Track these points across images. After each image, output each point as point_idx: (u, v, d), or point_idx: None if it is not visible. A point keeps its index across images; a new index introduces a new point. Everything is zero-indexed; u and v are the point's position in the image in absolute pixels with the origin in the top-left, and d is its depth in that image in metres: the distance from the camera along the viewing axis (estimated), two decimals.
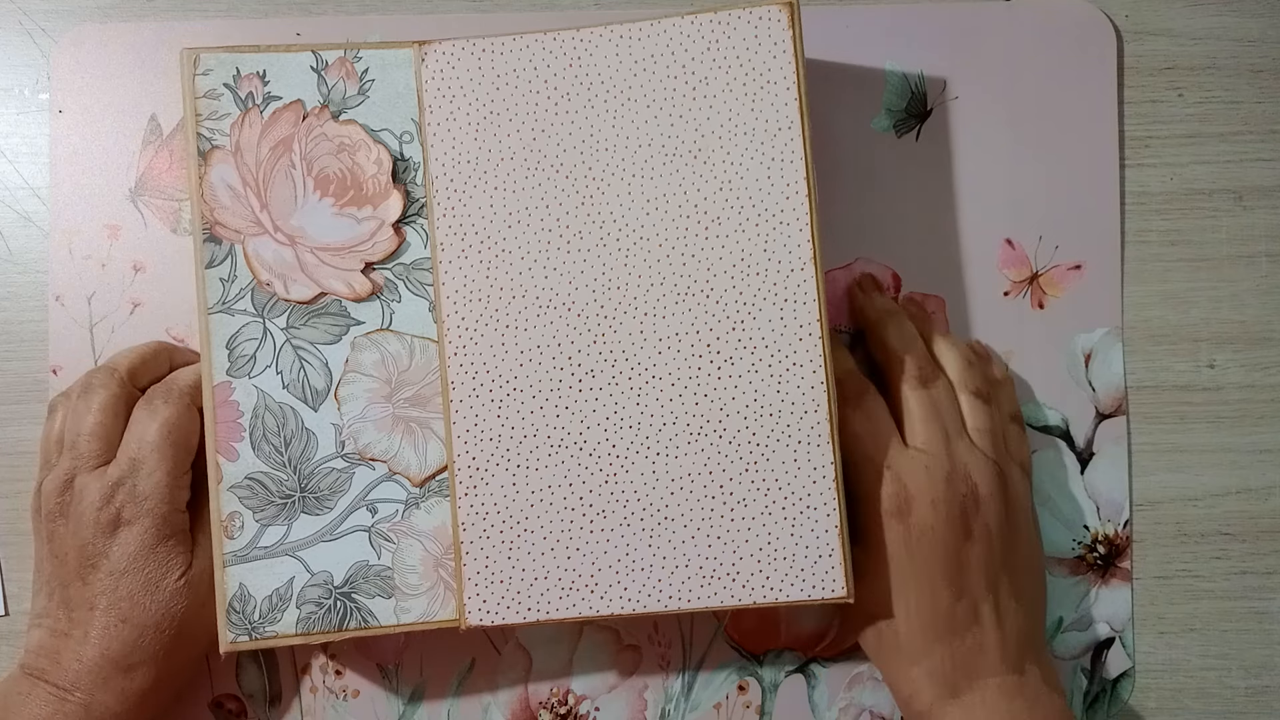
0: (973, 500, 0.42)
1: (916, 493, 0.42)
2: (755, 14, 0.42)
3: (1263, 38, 0.49)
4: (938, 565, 0.42)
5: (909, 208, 0.48)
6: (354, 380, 0.43)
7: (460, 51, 0.43)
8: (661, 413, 0.42)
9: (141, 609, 0.41)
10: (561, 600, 0.42)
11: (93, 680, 0.41)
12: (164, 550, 0.42)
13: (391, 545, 0.42)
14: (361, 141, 0.43)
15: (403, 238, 0.43)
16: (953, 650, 0.42)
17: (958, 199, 0.48)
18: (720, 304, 0.42)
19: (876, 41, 0.48)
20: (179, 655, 0.43)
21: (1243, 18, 0.49)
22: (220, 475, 0.42)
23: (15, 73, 0.48)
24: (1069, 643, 0.48)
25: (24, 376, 0.47)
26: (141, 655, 0.41)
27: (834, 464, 0.41)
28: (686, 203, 0.42)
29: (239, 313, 0.43)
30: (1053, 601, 0.48)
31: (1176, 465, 0.48)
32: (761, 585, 0.41)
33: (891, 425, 0.44)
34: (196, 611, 0.42)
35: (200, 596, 0.42)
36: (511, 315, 0.42)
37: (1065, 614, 0.48)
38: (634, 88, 0.43)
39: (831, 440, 0.41)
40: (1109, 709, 0.48)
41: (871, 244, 0.48)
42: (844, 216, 0.48)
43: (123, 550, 0.41)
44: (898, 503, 0.42)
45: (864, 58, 0.48)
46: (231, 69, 0.43)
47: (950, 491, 0.42)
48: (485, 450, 0.42)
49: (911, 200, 0.48)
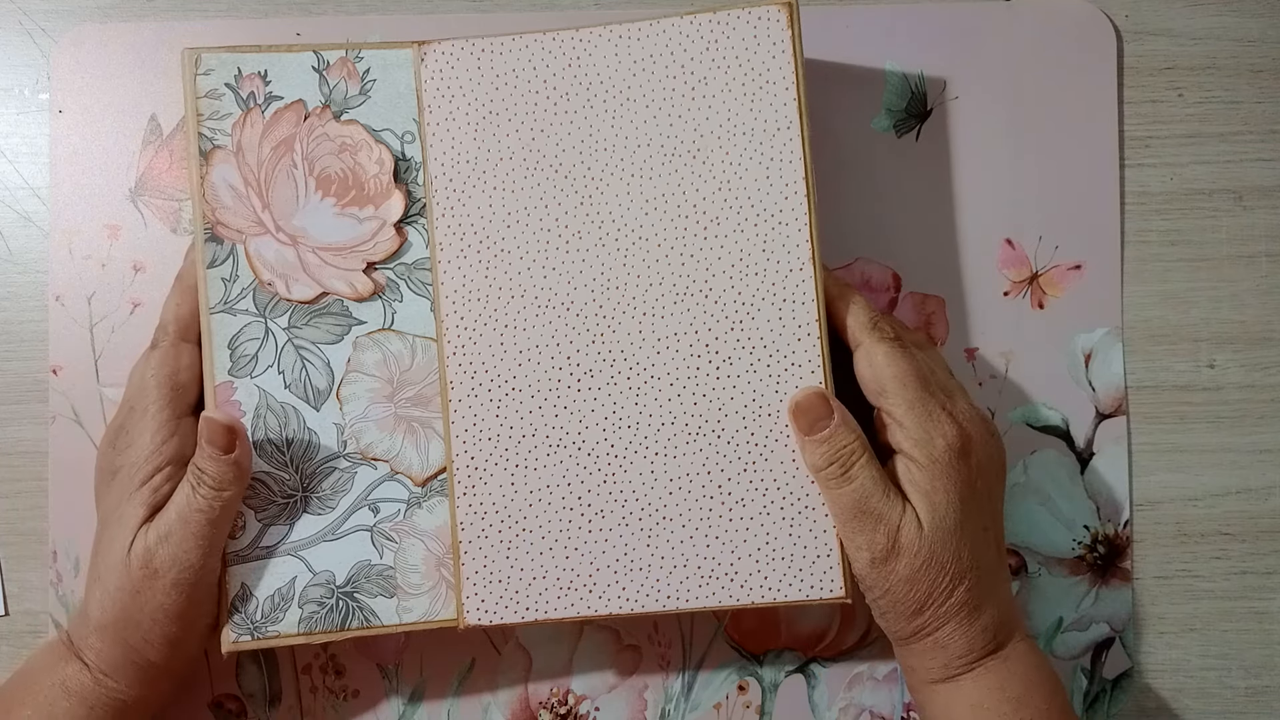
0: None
1: (975, 434, 0.41)
2: (754, 14, 0.42)
3: (1263, 38, 0.49)
4: (993, 506, 0.42)
5: (909, 208, 0.48)
6: (356, 380, 0.43)
7: (459, 51, 0.43)
8: (660, 412, 0.42)
9: (104, 565, 0.41)
10: (560, 600, 0.42)
11: (79, 632, 0.41)
12: (135, 501, 0.41)
13: (394, 545, 0.42)
14: (363, 141, 0.43)
15: (404, 238, 0.43)
16: (1001, 599, 0.41)
17: (958, 199, 0.48)
18: (719, 304, 0.42)
19: (876, 41, 0.48)
20: (142, 609, 0.40)
21: (1243, 18, 0.49)
22: None
23: (15, 73, 0.48)
24: (1069, 643, 0.48)
25: (24, 376, 0.47)
26: (102, 614, 0.40)
27: None
28: (685, 202, 0.42)
29: (241, 313, 0.43)
30: (1053, 601, 0.48)
31: (1176, 465, 0.48)
32: (760, 585, 0.41)
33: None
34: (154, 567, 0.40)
35: (156, 550, 0.40)
36: (510, 315, 0.42)
37: (1065, 614, 0.48)
38: (633, 88, 0.43)
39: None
40: (1109, 709, 0.48)
41: (871, 244, 0.48)
42: (844, 216, 0.48)
43: (103, 500, 0.42)
44: (962, 442, 0.40)
45: (864, 58, 0.48)
46: (233, 69, 0.43)
47: (988, 432, 0.42)
48: (484, 450, 0.42)
49: (911, 200, 0.48)
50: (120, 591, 0.40)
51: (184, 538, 0.40)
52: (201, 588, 0.41)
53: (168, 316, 0.43)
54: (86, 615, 0.41)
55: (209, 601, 0.41)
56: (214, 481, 0.40)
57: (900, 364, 0.41)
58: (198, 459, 0.40)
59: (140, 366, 0.42)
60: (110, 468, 0.41)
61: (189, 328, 0.43)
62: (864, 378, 0.42)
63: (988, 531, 0.41)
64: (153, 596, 0.40)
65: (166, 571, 0.40)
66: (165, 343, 0.42)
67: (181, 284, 0.43)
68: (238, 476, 0.40)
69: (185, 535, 0.40)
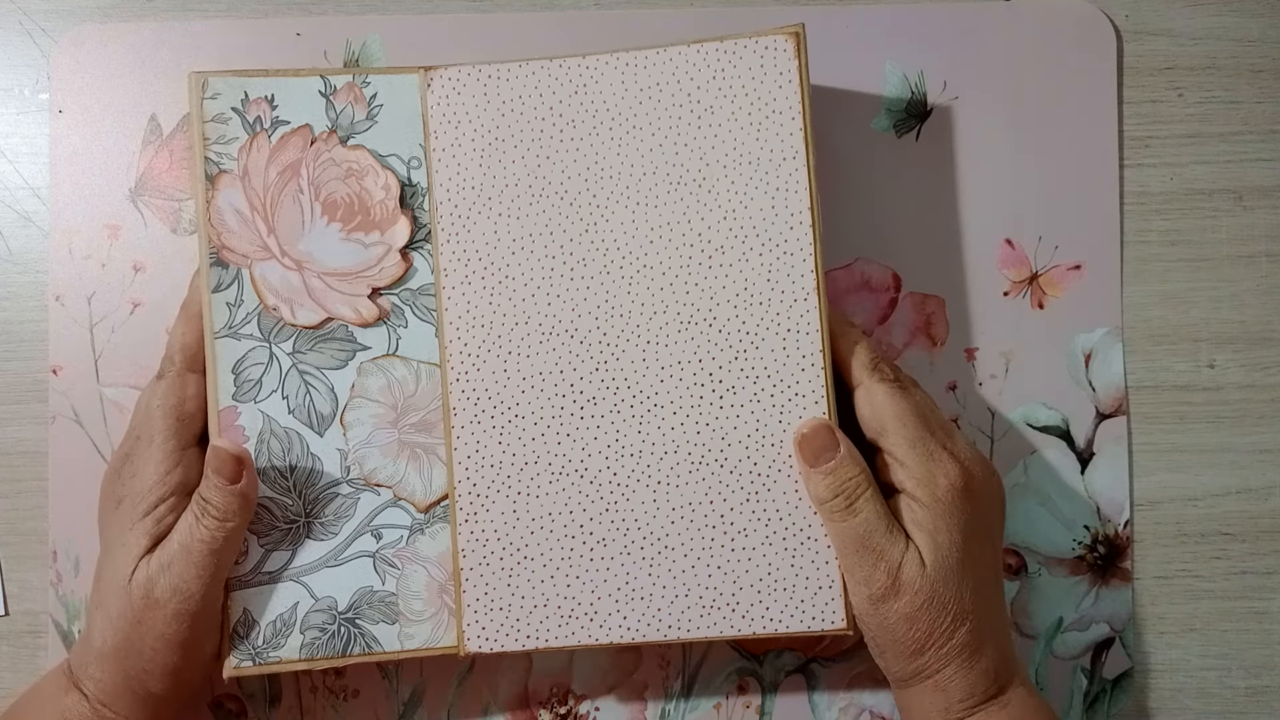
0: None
1: (976, 473, 0.41)
2: (761, 43, 0.42)
3: (1263, 38, 0.49)
4: (994, 547, 0.42)
5: (909, 208, 0.48)
6: (360, 405, 0.43)
7: (466, 77, 0.43)
8: (663, 441, 0.42)
9: (106, 592, 0.40)
10: (561, 628, 0.41)
11: (80, 661, 0.41)
12: (137, 530, 0.40)
13: (396, 571, 0.42)
14: (369, 167, 0.43)
15: (410, 263, 0.43)
16: (1000, 642, 0.41)
17: (958, 199, 0.48)
18: (723, 333, 0.42)
19: (876, 41, 0.48)
20: (143, 638, 0.40)
21: (1243, 18, 0.49)
22: None
23: (15, 73, 0.48)
24: (1069, 643, 0.48)
25: (24, 376, 0.47)
26: (103, 641, 0.40)
27: None
28: (690, 231, 0.42)
29: (245, 337, 0.42)
30: (1053, 601, 0.48)
31: (1176, 465, 0.48)
32: (761, 616, 0.41)
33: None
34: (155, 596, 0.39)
35: (158, 578, 0.39)
36: (514, 342, 0.42)
37: (1065, 614, 0.48)
38: (639, 115, 0.42)
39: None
40: (1109, 709, 0.48)
41: (871, 244, 0.48)
42: (844, 216, 0.48)
43: (107, 528, 0.41)
44: (965, 480, 0.40)
45: (864, 58, 0.48)
46: (240, 93, 0.43)
47: (989, 471, 0.42)
48: (486, 477, 0.42)
49: (911, 200, 0.48)
50: (122, 619, 0.40)
51: (186, 567, 0.39)
52: (204, 617, 0.40)
53: (174, 346, 0.43)
54: (89, 642, 0.41)
55: (211, 631, 0.41)
56: (219, 512, 0.40)
57: (900, 403, 0.41)
58: (203, 489, 0.40)
59: (146, 396, 0.42)
60: (115, 496, 0.41)
61: (195, 358, 0.42)
62: (864, 417, 0.41)
63: (989, 572, 0.41)
64: (154, 625, 0.40)
65: (168, 601, 0.39)
66: (171, 372, 0.42)
67: (187, 313, 0.43)
68: (242, 507, 0.40)
69: (187, 565, 0.39)
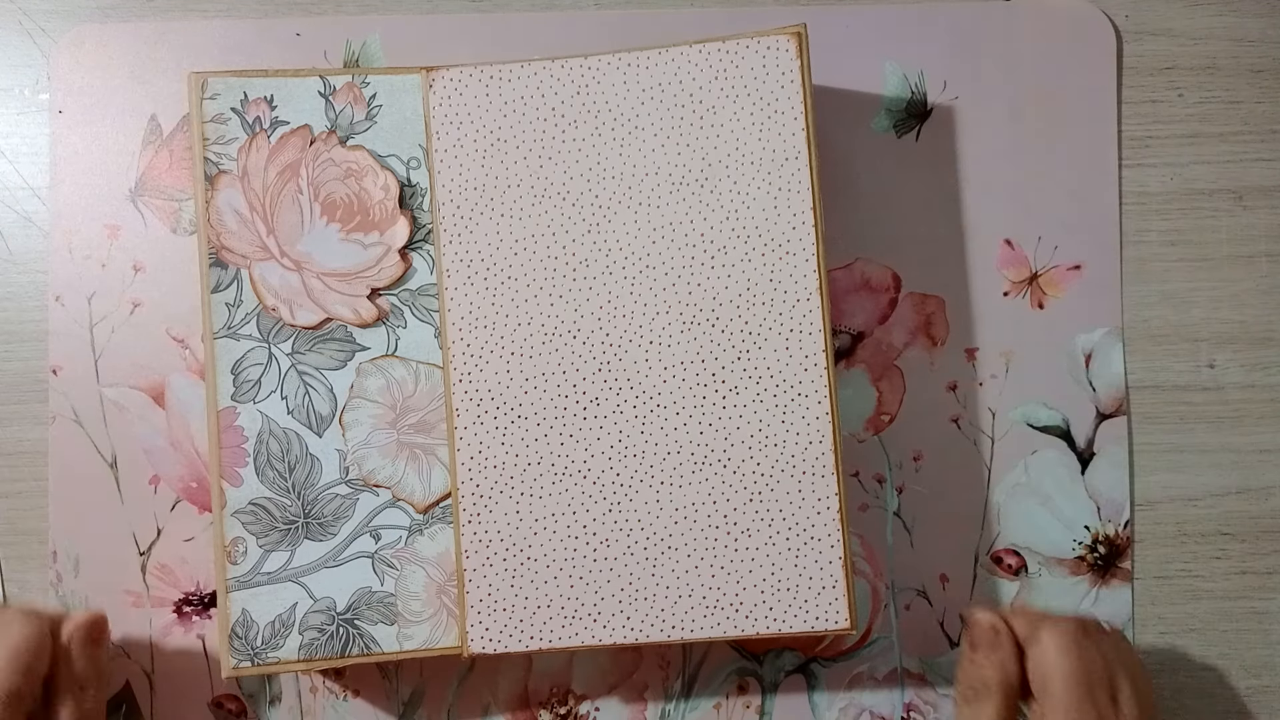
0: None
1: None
2: (763, 43, 0.42)
3: (1263, 38, 0.49)
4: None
5: (909, 208, 0.48)
6: (359, 406, 0.43)
7: (468, 78, 0.43)
8: (666, 442, 0.42)
9: None
10: (564, 629, 0.41)
11: None
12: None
13: (395, 572, 0.42)
14: (369, 167, 0.43)
15: (409, 264, 0.43)
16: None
17: (957, 199, 0.48)
18: (726, 333, 0.42)
19: (876, 41, 0.48)
20: None
21: (1243, 18, 0.49)
22: (224, 500, 0.42)
23: (15, 73, 0.48)
24: None
25: (24, 376, 0.47)
26: None
27: (838, 495, 0.41)
28: (693, 231, 0.42)
29: (244, 338, 0.43)
30: (1053, 601, 0.48)
31: (1176, 465, 0.48)
32: (765, 616, 0.41)
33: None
34: None
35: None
36: (517, 342, 0.42)
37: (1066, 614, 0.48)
38: (641, 115, 0.43)
39: (836, 471, 0.41)
40: None
41: (871, 244, 0.48)
42: (844, 216, 0.48)
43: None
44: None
45: (864, 58, 0.48)
46: (239, 93, 0.43)
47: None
48: (489, 477, 0.42)
49: (911, 200, 0.48)
50: None
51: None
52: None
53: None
54: None
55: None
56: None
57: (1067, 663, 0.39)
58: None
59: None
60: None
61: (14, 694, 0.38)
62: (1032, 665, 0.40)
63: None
64: None
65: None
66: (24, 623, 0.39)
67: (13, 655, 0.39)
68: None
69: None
